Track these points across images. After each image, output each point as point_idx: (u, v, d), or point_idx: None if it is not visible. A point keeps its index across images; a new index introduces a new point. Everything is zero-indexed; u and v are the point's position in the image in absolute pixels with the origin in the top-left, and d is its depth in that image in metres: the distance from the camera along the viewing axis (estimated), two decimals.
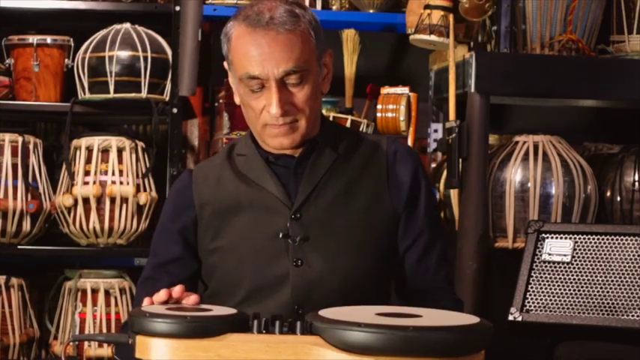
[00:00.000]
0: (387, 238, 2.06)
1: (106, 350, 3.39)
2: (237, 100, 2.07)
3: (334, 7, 3.64)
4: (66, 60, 3.55)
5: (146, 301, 1.79)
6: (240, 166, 2.08)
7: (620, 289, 2.57)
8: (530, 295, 2.64)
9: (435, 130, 3.58)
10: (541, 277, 2.66)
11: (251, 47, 1.94)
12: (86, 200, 3.41)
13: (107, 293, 3.45)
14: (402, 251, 2.09)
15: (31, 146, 3.50)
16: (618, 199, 3.35)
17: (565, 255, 2.68)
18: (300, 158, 2.04)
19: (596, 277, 2.62)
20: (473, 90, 3.10)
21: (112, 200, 3.41)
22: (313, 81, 1.99)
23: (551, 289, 2.64)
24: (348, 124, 3.31)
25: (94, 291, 3.45)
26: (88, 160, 3.45)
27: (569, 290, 2.63)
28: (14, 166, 3.45)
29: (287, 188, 2.03)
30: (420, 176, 2.10)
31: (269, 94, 1.95)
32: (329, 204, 2.02)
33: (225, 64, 2.07)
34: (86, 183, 3.43)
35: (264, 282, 2.00)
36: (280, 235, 2.00)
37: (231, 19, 2.01)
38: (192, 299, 1.77)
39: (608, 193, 3.36)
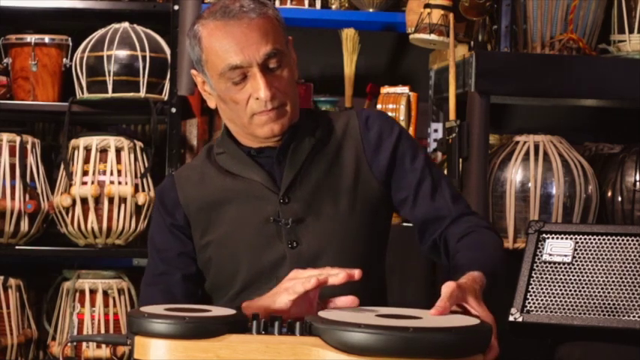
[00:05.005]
0: (376, 206, 2.09)
1: (105, 351, 3.38)
2: (211, 104, 2.11)
3: (334, 7, 3.63)
4: (64, 59, 3.55)
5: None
6: (221, 163, 2.11)
7: (621, 289, 2.56)
8: (530, 295, 2.63)
9: (435, 130, 3.57)
10: (542, 277, 2.65)
11: (227, 39, 1.97)
12: (84, 200, 3.40)
13: (105, 294, 3.44)
14: (409, 206, 2.09)
15: (29, 146, 3.49)
16: (619, 199, 3.34)
17: (566, 255, 2.66)
18: (282, 147, 2.07)
19: (597, 277, 2.61)
20: (473, 89, 3.09)
21: (111, 200, 3.41)
22: (289, 64, 2.03)
23: (551, 289, 2.63)
24: None
25: (92, 291, 3.44)
26: (87, 160, 3.44)
27: (570, 291, 2.61)
28: (12, 166, 3.45)
29: (272, 176, 2.06)
30: (395, 132, 2.12)
31: (254, 81, 1.98)
32: (315, 185, 2.05)
33: (192, 72, 2.10)
34: (84, 183, 3.43)
35: (262, 267, 2.02)
36: (272, 220, 2.02)
37: (195, 22, 2.04)
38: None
39: (609, 194, 3.35)
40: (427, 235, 2.09)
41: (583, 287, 2.59)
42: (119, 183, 3.43)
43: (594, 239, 2.65)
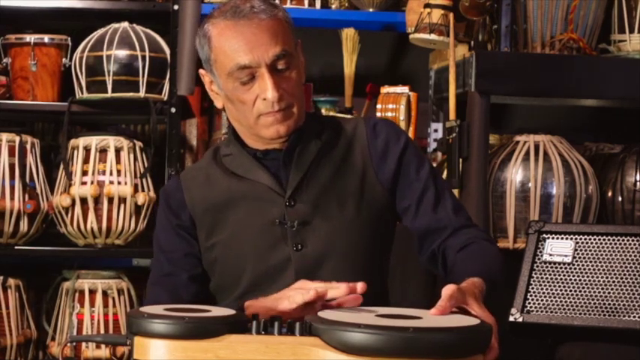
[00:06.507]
0: (381, 211, 2.09)
1: (104, 351, 3.38)
2: (218, 104, 2.11)
3: (333, 6, 3.63)
4: (63, 59, 3.54)
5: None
6: (227, 164, 2.11)
7: (622, 289, 2.56)
8: (530, 295, 2.63)
9: (435, 130, 3.56)
10: (542, 277, 2.65)
11: (237, 38, 1.98)
12: (84, 200, 3.40)
13: (105, 294, 3.44)
14: (412, 215, 2.10)
15: (28, 146, 3.49)
16: (619, 199, 3.33)
17: (566, 255, 2.66)
18: (288, 149, 2.07)
19: (597, 277, 2.60)
20: (473, 89, 3.09)
21: (110, 200, 3.40)
22: (297, 66, 2.03)
23: (552, 289, 2.62)
24: None
25: (92, 292, 3.44)
26: (86, 160, 3.44)
27: (570, 291, 2.61)
28: (11, 166, 3.44)
29: (278, 178, 2.06)
30: (402, 141, 2.12)
31: (262, 82, 1.98)
32: (320, 188, 2.06)
33: (200, 71, 2.10)
34: (84, 183, 3.42)
35: (267, 269, 2.03)
36: (277, 222, 2.02)
37: (205, 21, 2.05)
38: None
39: (610, 193, 3.35)
40: (426, 245, 2.10)
41: (583, 287, 2.59)
42: (119, 183, 3.42)
43: (594, 239, 2.65)
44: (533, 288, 2.63)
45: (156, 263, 2.14)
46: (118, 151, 3.44)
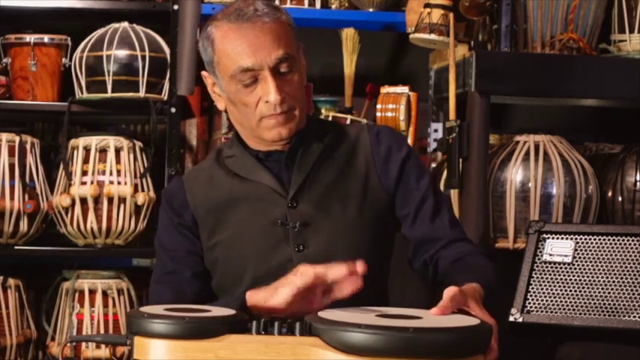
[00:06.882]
0: (382, 214, 2.10)
1: (104, 351, 3.38)
2: (220, 106, 2.13)
3: (333, 6, 3.63)
4: (63, 59, 3.54)
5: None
6: (230, 166, 2.13)
7: (622, 289, 2.56)
8: (530, 295, 2.63)
9: (435, 130, 3.57)
10: (542, 277, 2.65)
11: (240, 41, 1.99)
12: (84, 200, 3.39)
13: (105, 294, 3.44)
14: (409, 223, 2.11)
15: (28, 146, 3.49)
16: (620, 199, 3.33)
17: (566, 255, 2.66)
18: (290, 151, 2.08)
19: (597, 277, 2.60)
20: (473, 89, 3.08)
21: (110, 200, 3.40)
22: (300, 69, 2.05)
23: (552, 289, 2.62)
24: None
25: (92, 292, 3.44)
26: (86, 160, 3.43)
27: (570, 291, 2.61)
28: (11, 166, 3.44)
29: (280, 179, 2.07)
30: (405, 149, 2.14)
31: (264, 84, 1.99)
32: (323, 190, 2.07)
33: (203, 73, 2.11)
34: (84, 183, 3.42)
35: (268, 269, 2.03)
36: (279, 223, 2.03)
37: (208, 24, 2.06)
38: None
39: (610, 194, 3.35)
40: (420, 254, 2.11)
41: (583, 287, 2.59)
42: (118, 183, 3.42)
43: (594, 239, 2.65)
44: (533, 288, 2.63)
45: (159, 262, 2.15)
46: (117, 151, 3.44)
